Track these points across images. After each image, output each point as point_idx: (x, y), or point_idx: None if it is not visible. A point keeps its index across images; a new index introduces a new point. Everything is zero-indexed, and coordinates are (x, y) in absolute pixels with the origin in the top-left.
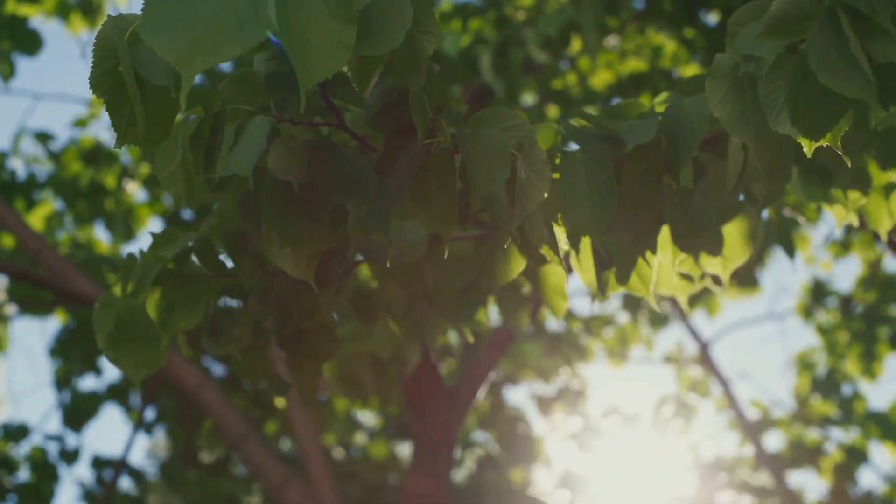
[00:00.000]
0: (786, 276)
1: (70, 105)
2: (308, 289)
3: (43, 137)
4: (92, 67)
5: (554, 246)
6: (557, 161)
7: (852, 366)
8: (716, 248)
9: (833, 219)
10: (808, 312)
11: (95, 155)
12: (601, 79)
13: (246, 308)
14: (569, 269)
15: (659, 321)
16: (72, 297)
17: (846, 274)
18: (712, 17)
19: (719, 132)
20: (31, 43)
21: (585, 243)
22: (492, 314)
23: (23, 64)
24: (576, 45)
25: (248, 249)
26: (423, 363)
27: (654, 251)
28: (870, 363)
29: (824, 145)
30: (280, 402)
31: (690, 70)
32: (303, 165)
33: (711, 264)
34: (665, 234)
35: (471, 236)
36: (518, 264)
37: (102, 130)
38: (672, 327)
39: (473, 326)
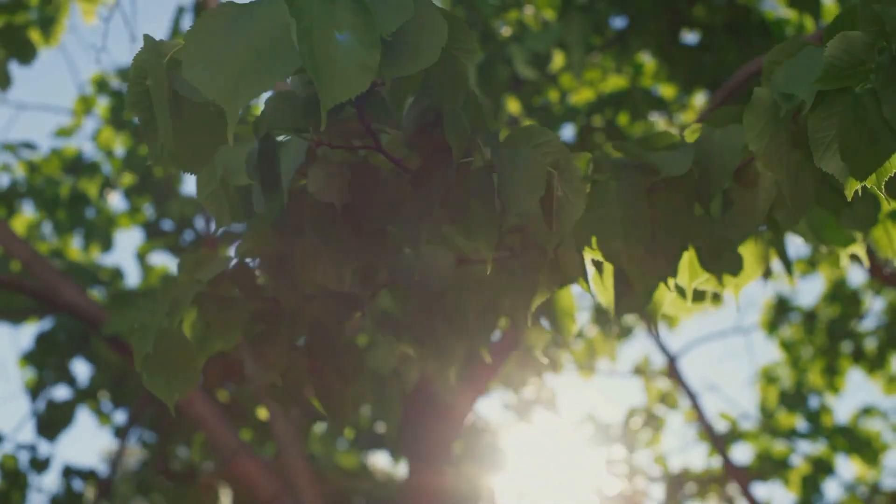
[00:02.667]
0: (752, 291)
1: (52, 115)
2: (339, 311)
3: (25, 147)
4: (128, 88)
5: (583, 271)
6: (588, 189)
7: (815, 380)
8: (736, 268)
9: (799, 238)
10: (772, 327)
11: (76, 165)
12: (582, 96)
13: (280, 331)
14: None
15: (623, 332)
16: (57, 306)
17: (810, 290)
18: (692, 37)
19: (745, 163)
20: (25, 51)
21: (609, 266)
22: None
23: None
24: (558, 61)
25: (285, 271)
26: (420, 378)
27: (675, 276)
28: (832, 377)
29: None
30: (263, 412)
31: (670, 89)
32: (343, 188)
33: (726, 284)
34: (683, 256)
35: (496, 257)
36: (548, 287)
37: (84, 140)
38: (639, 341)
39: (488, 347)
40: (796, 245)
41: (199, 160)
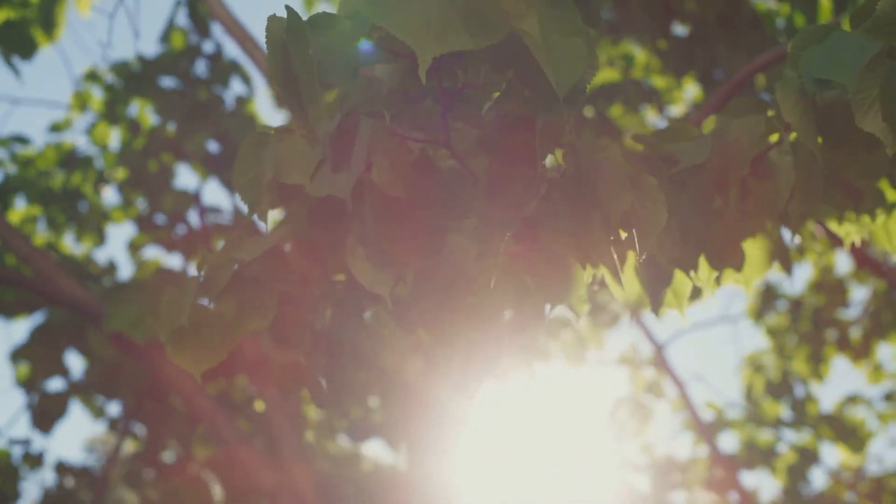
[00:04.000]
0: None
1: (46, 109)
2: (362, 297)
3: (17, 141)
4: (268, 61)
5: (613, 265)
6: None
7: (800, 367)
8: (740, 264)
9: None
10: (758, 315)
11: (70, 159)
12: None
13: (306, 314)
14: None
15: (610, 321)
16: (56, 299)
17: (797, 278)
18: (682, 29)
19: (761, 154)
20: (25, 46)
21: (630, 260)
22: None
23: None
24: None
25: (317, 257)
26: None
27: (696, 269)
28: (817, 365)
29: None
30: (259, 405)
31: (662, 80)
32: (407, 181)
33: (734, 279)
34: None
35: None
36: (581, 282)
37: (78, 135)
38: (627, 330)
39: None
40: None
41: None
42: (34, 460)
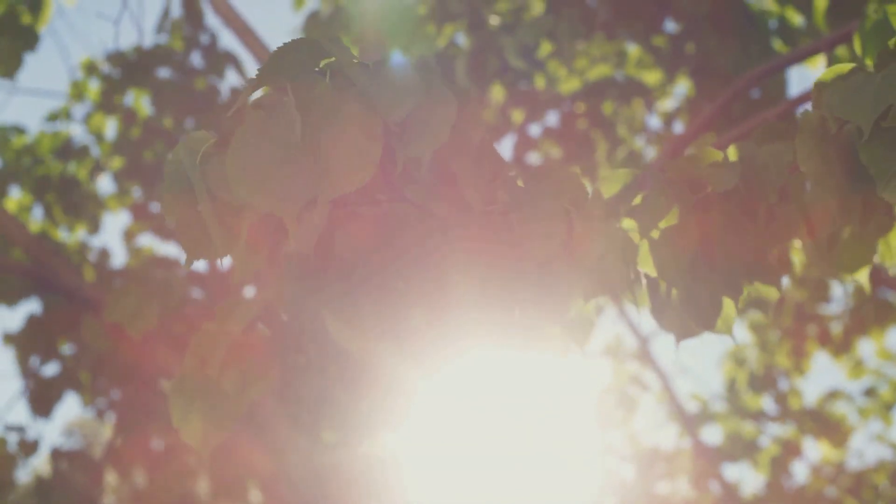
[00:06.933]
0: None
1: (42, 99)
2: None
3: (13, 130)
4: (164, 189)
5: (630, 286)
6: (639, 201)
7: (782, 362)
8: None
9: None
10: (741, 310)
11: (67, 148)
12: (567, 84)
13: (309, 367)
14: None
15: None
16: (56, 287)
17: None
18: (674, 26)
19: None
20: (27, 39)
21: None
22: None
23: None
24: (545, 48)
25: (309, 313)
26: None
27: (739, 297)
28: (799, 360)
29: None
30: None
31: (654, 76)
32: (370, 241)
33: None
34: None
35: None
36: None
37: (74, 124)
38: (611, 322)
39: None
40: None
41: (226, 246)
42: (29, 447)
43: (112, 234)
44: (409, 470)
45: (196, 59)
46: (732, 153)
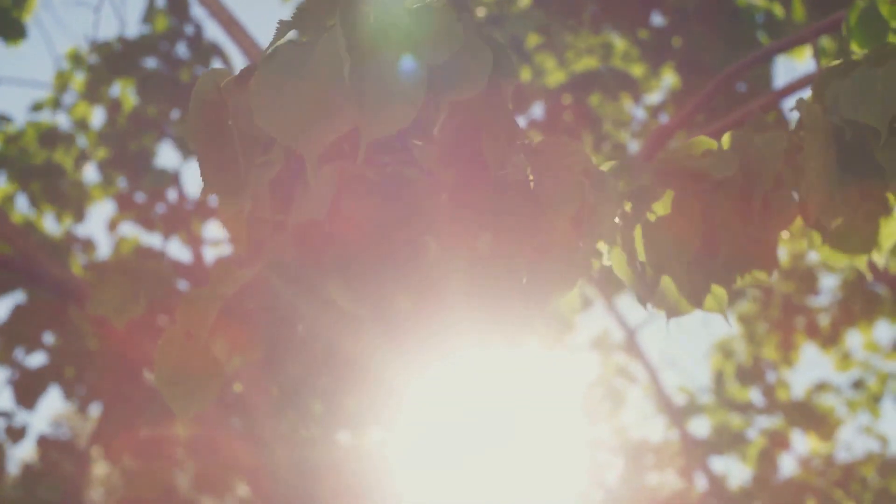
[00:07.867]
0: None
1: (27, 89)
2: (351, 326)
3: (2, 119)
4: (189, 118)
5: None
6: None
7: (770, 354)
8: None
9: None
10: (730, 301)
11: (51, 137)
12: (553, 77)
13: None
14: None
15: (583, 304)
16: (41, 280)
17: None
18: (661, 20)
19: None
20: (14, 32)
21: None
22: None
23: None
24: (532, 40)
25: (304, 283)
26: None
27: (732, 286)
28: (787, 352)
29: None
30: (237, 386)
31: (640, 69)
32: (377, 205)
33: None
34: None
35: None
36: (571, 281)
37: (60, 114)
38: (598, 314)
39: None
40: None
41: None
42: (17, 433)
43: (96, 224)
44: (397, 463)
45: (182, 49)
46: (726, 141)
